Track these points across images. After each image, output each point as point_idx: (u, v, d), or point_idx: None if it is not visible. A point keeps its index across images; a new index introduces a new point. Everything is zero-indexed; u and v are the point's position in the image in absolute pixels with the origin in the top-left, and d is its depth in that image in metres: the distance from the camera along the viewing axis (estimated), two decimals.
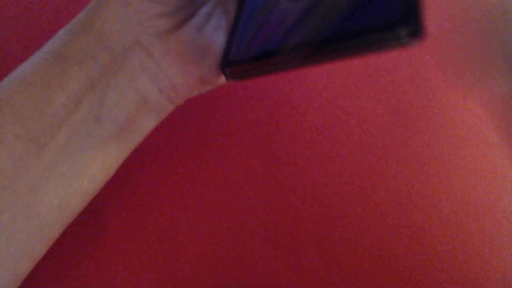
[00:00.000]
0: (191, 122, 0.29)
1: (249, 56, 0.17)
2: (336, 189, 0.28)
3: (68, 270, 0.27)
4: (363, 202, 0.28)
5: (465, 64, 0.29)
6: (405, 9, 0.12)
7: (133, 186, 0.28)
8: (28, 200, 0.18)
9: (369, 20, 0.13)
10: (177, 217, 0.28)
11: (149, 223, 0.27)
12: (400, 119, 0.29)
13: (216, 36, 0.20)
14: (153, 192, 0.28)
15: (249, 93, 0.29)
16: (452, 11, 0.30)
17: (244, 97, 0.29)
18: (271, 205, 0.28)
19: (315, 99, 0.29)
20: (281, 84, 0.29)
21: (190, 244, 0.27)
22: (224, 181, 0.28)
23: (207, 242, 0.27)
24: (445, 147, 0.29)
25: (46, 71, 0.18)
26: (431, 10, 0.30)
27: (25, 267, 0.19)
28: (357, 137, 0.29)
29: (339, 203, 0.28)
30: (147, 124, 0.20)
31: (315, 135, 0.29)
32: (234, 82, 0.21)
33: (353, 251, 0.27)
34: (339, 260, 0.27)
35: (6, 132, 0.17)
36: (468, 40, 0.30)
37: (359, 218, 0.28)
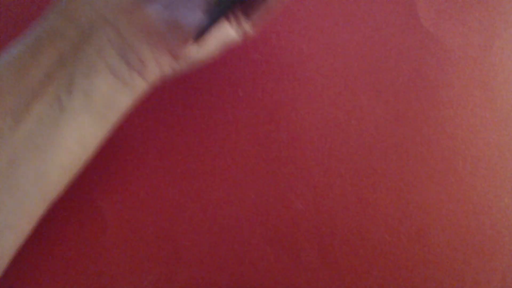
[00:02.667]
0: (191, 122, 0.29)
1: None
2: (336, 189, 0.28)
3: (68, 270, 0.27)
4: (363, 202, 0.28)
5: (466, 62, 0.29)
6: None
7: (133, 186, 0.28)
8: (7, 174, 0.19)
9: None
10: (177, 217, 0.28)
11: (149, 223, 0.27)
12: (400, 119, 0.29)
13: (189, 16, 0.21)
14: (153, 192, 0.28)
15: (249, 93, 0.29)
16: (452, 11, 0.30)
17: (244, 97, 0.29)
18: (271, 205, 0.28)
19: (315, 99, 0.29)
20: (281, 84, 0.29)
21: (190, 244, 0.27)
22: (224, 181, 0.28)
23: (207, 242, 0.27)
24: (445, 147, 0.29)
25: (23, 53, 0.20)
26: (430, 10, 0.30)
27: (9, 240, 0.20)
28: (357, 137, 0.29)
29: (339, 203, 0.28)
30: (121, 99, 0.21)
31: (315, 135, 0.29)
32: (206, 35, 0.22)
33: (353, 251, 0.27)
34: (339, 260, 0.27)
35: None
36: (468, 39, 0.30)
37: (359, 217, 0.28)
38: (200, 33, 0.20)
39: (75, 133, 0.20)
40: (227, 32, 0.23)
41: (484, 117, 0.29)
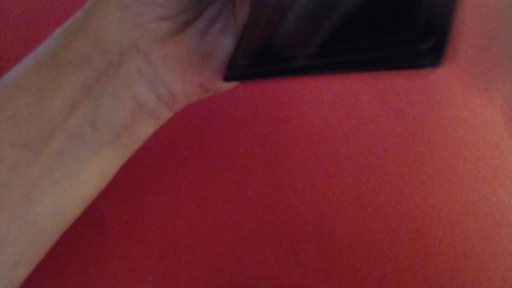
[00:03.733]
0: (191, 122, 0.29)
1: (259, 59, 0.16)
2: (336, 189, 0.28)
3: (68, 270, 0.27)
4: (363, 202, 0.28)
5: (471, 62, 0.29)
6: (435, 36, 0.12)
7: (133, 187, 0.28)
8: (23, 208, 0.17)
9: (394, 44, 0.12)
10: (177, 217, 0.28)
11: (149, 224, 0.27)
12: (400, 119, 0.29)
13: (221, 41, 0.19)
14: (153, 193, 0.28)
15: (249, 93, 0.29)
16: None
17: (244, 97, 0.29)
18: (271, 205, 0.28)
19: (315, 99, 0.29)
20: (281, 84, 0.29)
21: (190, 244, 0.27)
22: (224, 181, 0.28)
23: (207, 242, 0.27)
24: (445, 147, 0.29)
25: (40, 75, 0.17)
26: None
27: (21, 274, 0.19)
28: (357, 137, 0.29)
29: (339, 203, 0.28)
30: (144, 131, 0.20)
31: (315, 135, 0.29)
32: (238, 82, 0.20)
33: (353, 251, 0.27)
34: (339, 260, 0.27)
35: (0, 138, 0.17)
36: (468, 39, 0.30)
37: (359, 218, 0.28)
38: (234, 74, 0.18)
39: (96, 167, 0.19)
40: None
41: (484, 117, 0.29)
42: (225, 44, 0.19)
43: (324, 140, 0.29)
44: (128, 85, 0.18)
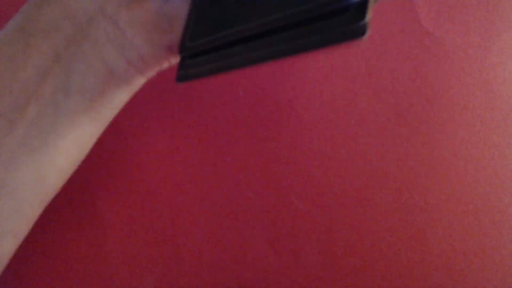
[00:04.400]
0: (191, 122, 0.29)
1: (207, 42, 0.16)
2: (336, 189, 0.28)
3: (68, 270, 0.27)
4: (363, 202, 0.28)
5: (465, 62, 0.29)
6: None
7: (133, 187, 0.28)
8: (3, 178, 0.18)
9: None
10: (177, 217, 0.28)
11: (149, 224, 0.27)
12: (400, 119, 0.29)
13: (184, 4, 0.20)
14: (153, 193, 0.28)
15: (249, 93, 0.29)
16: (452, 11, 0.30)
17: (244, 97, 0.29)
18: (271, 205, 0.28)
19: (315, 99, 0.29)
20: (281, 84, 0.29)
21: (190, 244, 0.27)
22: (224, 181, 0.28)
23: (207, 242, 0.27)
24: (445, 147, 0.29)
25: (10, 46, 0.18)
26: (430, 10, 0.30)
27: (7, 246, 0.19)
28: (357, 137, 0.29)
29: (339, 203, 0.28)
30: (118, 97, 0.20)
31: (315, 135, 0.29)
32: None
33: (353, 251, 0.27)
34: (339, 260, 0.27)
35: None
36: (468, 39, 0.30)
37: (359, 218, 0.28)
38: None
39: (72, 134, 0.19)
40: None
41: (484, 117, 0.29)
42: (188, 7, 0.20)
43: (324, 140, 0.29)
44: (97, 50, 0.18)
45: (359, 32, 0.12)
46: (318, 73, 0.30)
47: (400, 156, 0.29)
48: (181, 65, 0.18)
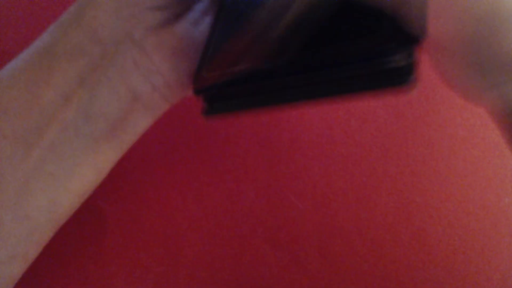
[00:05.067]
0: (191, 122, 0.29)
1: (222, 77, 0.15)
2: (336, 189, 0.28)
3: (68, 270, 0.27)
4: (363, 202, 0.28)
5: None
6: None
7: (133, 187, 0.28)
8: (17, 202, 0.17)
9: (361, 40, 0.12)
10: (177, 217, 0.28)
11: (149, 224, 0.27)
12: (400, 119, 0.29)
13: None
14: (153, 193, 0.28)
15: None
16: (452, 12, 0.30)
17: None
18: (271, 205, 0.28)
19: None
20: None
21: (190, 244, 0.27)
22: (224, 181, 0.28)
23: (207, 242, 0.27)
24: (445, 147, 0.29)
25: (34, 68, 0.17)
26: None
27: (16, 269, 0.19)
28: (357, 137, 0.29)
29: (339, 203, 0.28)
30: (140, 123, 0.19)
31: (315, 135, 0.29)
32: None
33: (353, 251, 0.27)
34: (339, 260, 0.27)
35: None
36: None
37: (359, 218, 0.28)
38: None
39: (90, 159, 0.18)
40: None
41: (484, 117, 0.29)
42: None
43: (324, 140, 0.29)
44: (123, 75, 0.18)
45: (404, 83, 0.11)
46: None
47: (400, 156, 0.29)
48: (206, 98, 0.17)
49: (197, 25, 0.19)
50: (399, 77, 0.11)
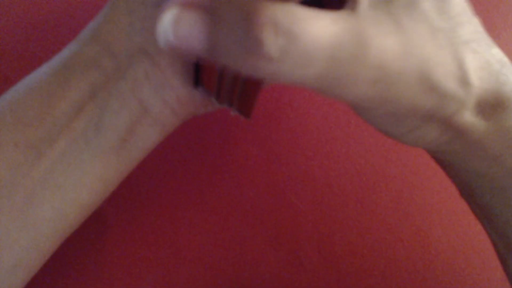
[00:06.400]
0: (191, 122, 0.29)
1: None
2: (336, 189, 0.28)
3: (68, 270, 0.27)
4: (363, 202, 0.28)
5: None
6: None
7: (134, 187, 0.28)
8: (24, 211, 0.17)
9: None
10: (177, 217, 0.28)
11: (149, 224, 0.27)
12: None
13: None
14: (153, 193, 0.28)
15: None
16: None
17: None
18: (271, 205, 0.28)
19: (315, 99, 0.29)
20: (281, 84, 0.29)
21: (190, 244, 0.27)
22: (224, 181, 0.28)
23: (207, 242, 0.27)
24: None
25: (51, 80, 0.18)
26: None
27: (19, 278, 0.19)
28: (357, 137, 0.29)
29: (339, 203, 0.28)
30: (150, 137, 0.20)
31: (315, 135, 0.29)
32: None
33: (353, 251, 0.27)
34: (339, 260, 0.27)
35: (6, 139, 0.17)
36: None
37: (359, 218, 0.28)
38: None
39: (99, 172, 0.18)
40: None
41: None
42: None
43: (324, 140, 0.29)
44: (134, 88, 0.18)
45: None
46: None
47: (400, 156, 0.29)
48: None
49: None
50: None
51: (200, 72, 0.18)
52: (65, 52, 0.19)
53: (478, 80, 0.15)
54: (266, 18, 0.11)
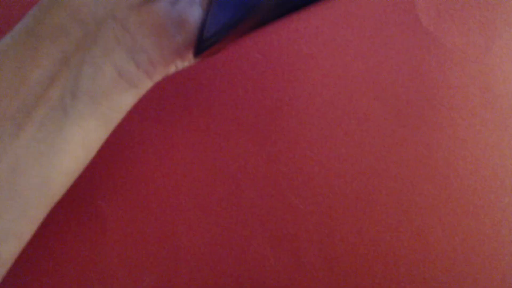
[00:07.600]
0: (191, 122, 0.29)
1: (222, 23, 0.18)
2: (336, 189, 0.28)
3: (68, 270, 0.27)
4: (363, 202, 0.28)
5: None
6: None
7: (133, 186, 0.28)
8: (9, 180, 0.18)
9: None
10: (177, 217, 0.28)
11: (149, 223, 0.27)
12: (400, 119, 0.29)
13: (190, 10, 0.20)
14: (153, 192, 0.28)
15: (249, 93, 0.29)
16: (452, 11, 0.30)
17: (244, 97, 0.29)
18: (271, 204, 0.28)
19: (315, 99, 0.29)
20: (281, 84, 0.29)
21: (190, 244, 0.27)
22: (224, 181, 0.28)
23: (207, 242, 0.27)
24: (445, 148, 0.29)
25: (18, 49, 0.18)
26: (430, 10, 0.30)
27: (12, 247, 0.19)
28: (357, 137, 0.29)
29: (339, 203, 0.28)
30: (126, 100, 0.20)
31: (315, 135, 0.29)
32: (209, 57, 0.21)
33: (353, 251, 0.27)
34: (339, 260, 0.27)
35: None
36: (468, 39, 0.30)
37: (359, 218, 0.28)
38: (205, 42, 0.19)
39: (79, 138, 0.19)
40: None
41: (484, 117, 0.29)
42: (195, 13, 0.20)
43: (324, 140, 0.29)
44: (107, 53, 0.18)
45: None
46: (318, 73, 0.30)
47: (400, 156, 0.29)
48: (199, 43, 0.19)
49: (175, 3, 0.20)
50: None
51: None
52: (28, 20, 0.19)
53: None
54: None
